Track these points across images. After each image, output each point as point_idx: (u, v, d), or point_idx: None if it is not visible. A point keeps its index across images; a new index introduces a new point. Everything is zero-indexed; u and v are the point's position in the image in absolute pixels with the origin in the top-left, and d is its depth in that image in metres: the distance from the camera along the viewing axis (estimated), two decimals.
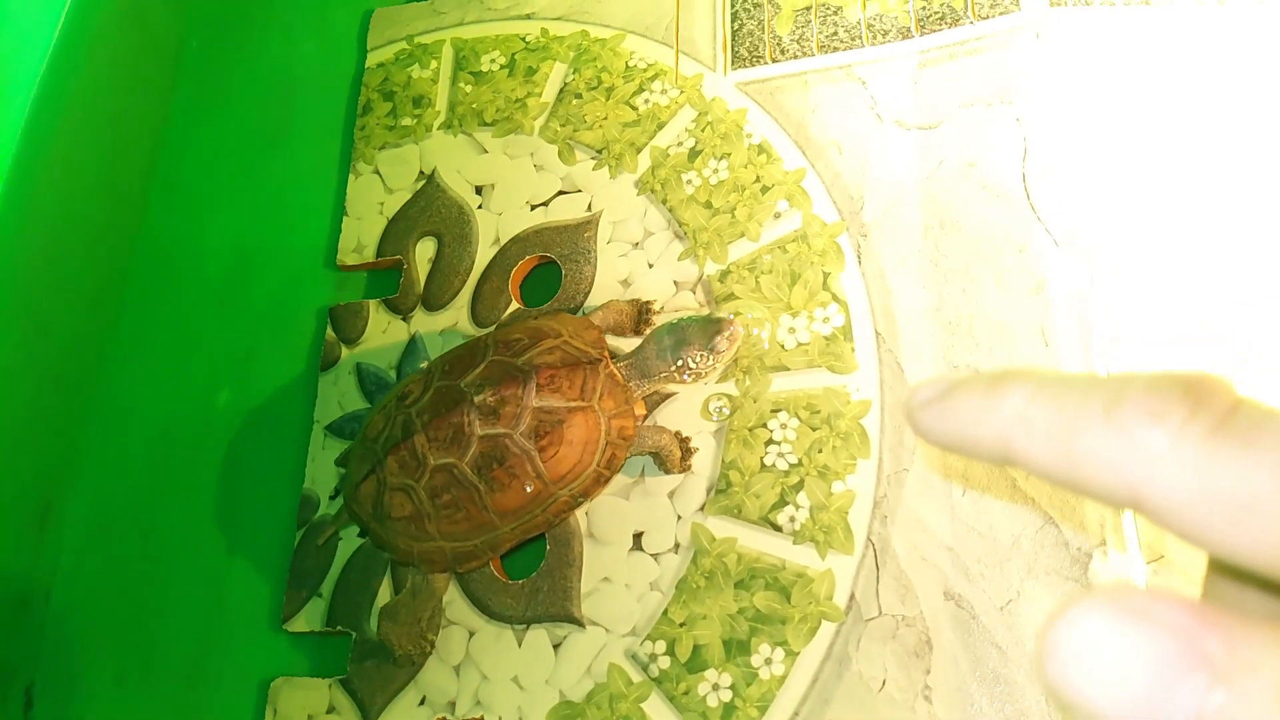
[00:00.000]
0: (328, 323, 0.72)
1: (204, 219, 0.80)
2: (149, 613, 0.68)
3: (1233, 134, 0.60)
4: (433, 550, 0.59)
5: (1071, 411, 0.17)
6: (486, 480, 0.57)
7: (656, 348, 0.59)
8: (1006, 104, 0.63)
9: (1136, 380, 0.16)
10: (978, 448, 0.19)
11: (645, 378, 0.60)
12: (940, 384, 0.19)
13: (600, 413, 0.58)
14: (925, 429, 0.20)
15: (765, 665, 0.56)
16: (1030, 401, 0.17)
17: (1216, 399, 0.15)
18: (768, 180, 0.66)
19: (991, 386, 0.18)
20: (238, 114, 0.84)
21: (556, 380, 0.58)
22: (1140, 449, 0.15)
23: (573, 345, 0.60)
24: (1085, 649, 0.14)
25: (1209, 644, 0.13)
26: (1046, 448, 0.17)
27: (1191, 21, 0.63)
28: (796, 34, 0.70)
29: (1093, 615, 0.14)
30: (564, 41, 0.76)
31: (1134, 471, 0.16)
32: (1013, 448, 0.18)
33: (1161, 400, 0.16)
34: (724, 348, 0.58)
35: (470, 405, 0.57)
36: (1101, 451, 0.16)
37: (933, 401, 0.19)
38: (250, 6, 0.88)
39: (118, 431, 0.74)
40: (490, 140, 0.74)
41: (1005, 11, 0.65)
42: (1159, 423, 0.15)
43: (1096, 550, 0.53)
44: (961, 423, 0.19)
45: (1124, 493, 0.16)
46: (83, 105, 0.77)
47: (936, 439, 0.19)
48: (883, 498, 0.57)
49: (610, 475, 0.59)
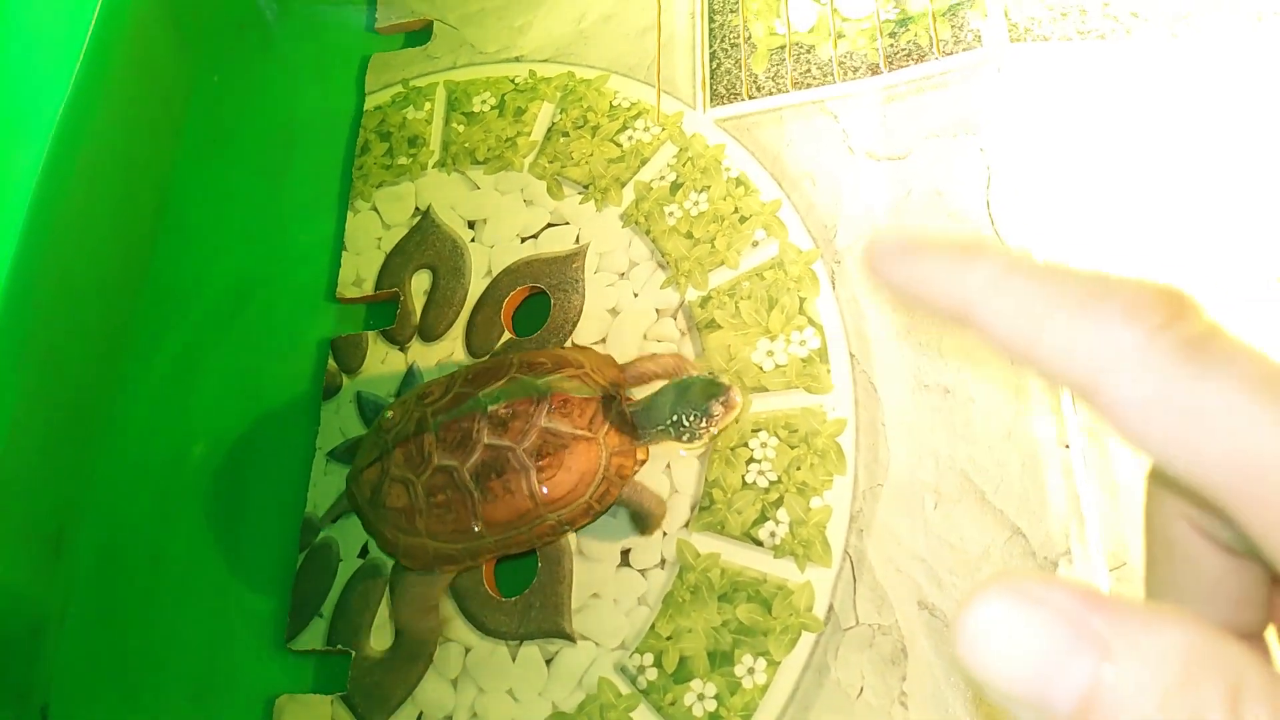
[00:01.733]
0: (329, 354, 0.75)
1: (210, 256, 0.83)
2: (158, 634, 0.71)
3: (1185, 161, 0.63)
4: (417, 546, 0.62)
5: (1048, 290, 0.17)
6: (482, 488, 0.59)
7: (661, 399, 0.60)
8: (971, 135, 0.66)
9: (1121, 279, 0.17)
10: (936, 302, 0.18)
11: (649, 426, 0.61)
12: (910, 237, 0.19)
13: (603, 447, 0.60)
14: (883, 272, 0.19)
15: (748, 675, 0.58)
16: (1007, 271, 0.17)
17: (1195, 316, 0.16)
18: (745, 211, 0.70)
19: (967, 249, 0.18)
20: (242, 156, 0.87)
21: (569, 406, 0.59)
22: (1110, 341, 0.16)
23: (592, 378, 0.61)
24: (987, 631, 0.15)
25: (1096, 624, 0.14)
26: (1013, 318, 0.17)
27: (1145, 55, 0.67)
28: (771, 71, 0.74)
29: (993, 601, 0.15)
30: (551, 83, 0.80)
31: (1098, 362, 0.16)
32: (975, 310, 0.18)
33: (1142, 302, 0.16)
34: (718, 413, 0.58)
35: (483, 414, 0.59)
36: (1070, 335, 0.16)
37: (899, 249, 0.19)
38: (253, 54, 0.92)
39: (128, 461, 0.77)
40: (482, 177, 0.78)
41: (968, 48, 0.69)
42: (1135, 321, 0.16)
43: (1062, 558, 0.55)
44: (926, 274, 0.18)
45: (1082, 379, 0.16)
46: (95, 149, 0.80)
47: (893, 284, 0.19)
48: (858, 512, 0.60)
49: (600, 511, 0.61)
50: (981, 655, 0.15)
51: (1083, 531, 0.56)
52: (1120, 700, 0.14)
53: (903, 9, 0.72)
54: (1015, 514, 0.57)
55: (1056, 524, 0.56)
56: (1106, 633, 0.14)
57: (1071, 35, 0.68)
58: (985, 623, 0.15)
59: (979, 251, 0.18)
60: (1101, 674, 0.14)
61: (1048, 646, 0.14)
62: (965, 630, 0.15)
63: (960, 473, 0.59)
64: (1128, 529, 0.55)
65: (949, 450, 0.59)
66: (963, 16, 0.70)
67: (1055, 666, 0.14)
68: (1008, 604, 0.15)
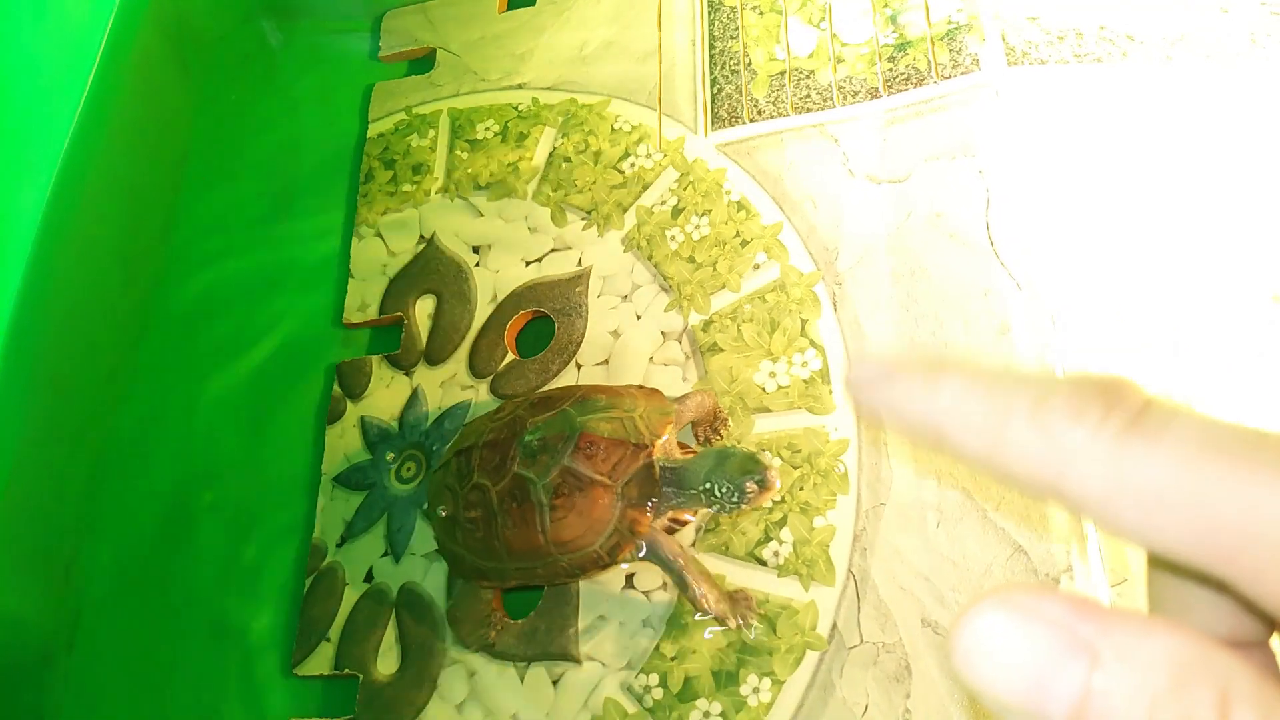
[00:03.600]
0: (334, 379, 0.75)
1: (215, 283, 0.84)
2: (167, 660, 0.71)
3: (1182, 182, 0.64)
4: (457, 554, 0.62)
5: (1000, 407, 0.17)
6: (504, 513, 0.59)
7: (698, 464, 0.57)
8: (969, 157, 0.67)
9: (1060, 382, 0.17)
10: (912, 431, 0.19)
11: (680, 488, 0.57)
12: (880, 365, 0.20)
13: (620, 497, 0.58)
14: (865, 405, 0.20)
15: (753, 694, 0.58)
16: (963, 394, 0.18)
17: (1128, 399, 0.16)
18: (747, 234, 0.70)
19: (929, 376, 0.19)
20: (247, 184, 0.88)
21: (594, 449, 0.58)
22: (1061, 444, 0.16)
23: (633, 424, 0.59)
24: (981, 643, 0.15)
25: (1086, 633, 0.15)
26: (976, 438, 0.18)
27: (1141, 78, 0.67)
28: (772, 96, 0.74)
29: (987, 614, 0.15)
30: (553, 109, 0.81)
31: (1055, 465, 0.16)
32: (944, 434, 0.18)
33: (1081, 400, 0.17)
34: (751, 492, 0.55)
35: (521, 441, 0.59)
36: (1026, 445, 0.17)
37: (873, 381, 0.20)
38: (258, 83, 0.93)
39: (136, 489, 0.78)
40: (486, 204, 0.78)
41: (966, 71, 0.70)
42: (1078, 421, 0.16)
43: (1063, 575, 0.56)
44: (899, 406, 0.19)
45: (1045, 483, 0.17)
46: (102, 179, 0.81)
47: (874, 417, 0.20)
48: (861, 531, 0.60)
49: (610, 564, 0.59)
50: (976, 667, 0.15)
51: (1084, 548, 0.56)
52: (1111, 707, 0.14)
53: (901, 33, 0.73)
54: (1016, 531, 0.57)
55: (1057, 541, 0.57)
56: (1097, 641, 0.14)
57: (1068, 58, 0.69)
58: (979, 635, 0.15)
59: (941, 373, 0.19)
60: (1093, 682, 0.14)
61: (1039, 656, 0.15)
62: (960, 643, 0.15)
63: (962, 491, 0.59)
64: (1128, 546, 0.56)
65: (950, 468, 0.60)
66: (961, 41, 0.71)
67: (1047, 675, 0.14)
68: (1000, 616, 0.15)
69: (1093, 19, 0.70)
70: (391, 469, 0.71)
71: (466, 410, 0.71)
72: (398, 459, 0.71)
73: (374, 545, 0.69)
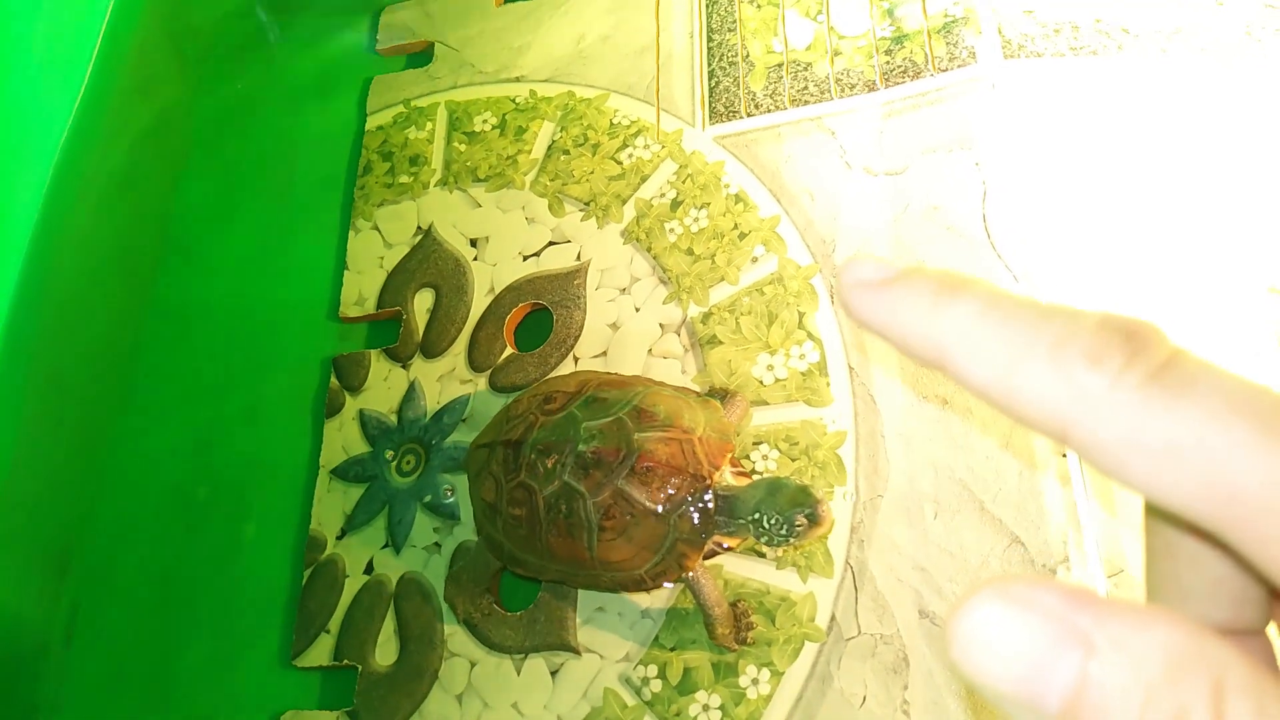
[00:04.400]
0: (331, 372, 0.76)
1: (213, 276, 0.84)
2: (164, 653, 0.71)
3: (1178, 174, 0.64)
4: (496, 540, 0.62)
5: (1016, 340, 0.17)
6: (550, 520, 0.58)
7: (749, 494, 0.55)
8: (966, 150, 0.67)
9: (1083, 320, 0.17)
10: (910, 347, 0.18)
11: (730, 516, 0.56)
12: (883, 268, 0.19)
13: (672, 529, 0.56)
14: (856, 311, 0.19)
15: (752, 685, 0.58)
16: (978, 318, 0.17)
17: (1155, 348, 0.16)
18: (745, 227, 0.70)
19: (939, 291, 0.18)
20: (245, 177, 0.88)
21: (650, 476, 0.56)
22: (1078, 388, 0.16)
23: (693, 449, 0.57)
24: (978, 634, 0.15)
25: (1082, 623, 0.15)
26: (986, 369, 0.17)
27: (1137, 70, 0.68)
28: (769, 89, 0.75)
29: (983, 605, 0.15)
30: (551, 102, 0.81)
31: (1069, 409, 0.16)
32: (950, 360, 0.18)
33: (1104, 343, 0.16)
34: (801, 526, 0.53)
35: (574, 449, 0.58)
36: (1040, 383, 0.17)
37: (872, 285, 0.19)
38: (256, 76, 0.93)
39: (133, 482, 0.78)
40: (484, 196, 0.78)
41: (963, 64, 0.70)
42: (1099, 366, 0.16)
43: (1060, 566, 0.56)
44: (899, 317, 0.18)
45: (1055, 426, 0.17)
46: (99, 174, 0.81)
47: (866, 323, 0.19)
48: (859, 523, 0.60)
49: (652, 587, 0.59)
50: (973, 657, 0.15)
51: (1080, 539, 0.56)
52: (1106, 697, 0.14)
53: (898, 26, 0.73)
54: (1013, 522, 0.58)
55: (1054, 532, 0.57)
56: (1092, 631, 0.15)
57: (1064, 51, 0.69)
58: (975, 625, 0.15)
59: (953, 292, 0.18)
60: (1088, 671, 0.14)
61: (1035, 646, 0.15)
62: (957, 633, 0.15)
63: (959, 482, 0.59)
64: (1125, 536, 0.56)
65: (948, 460, 0.60)
66: (957, 34, 0.71)
67: (1043, 666, 0.15)
68: (996, 606, 0.15)
69: (1088, 12, 0.71)
70: (391, 463, 0.71)
71: (465, 404, 0.71)
72: (397, 455, 0.71)
73: (374, 537, 0.69)
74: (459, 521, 0.68)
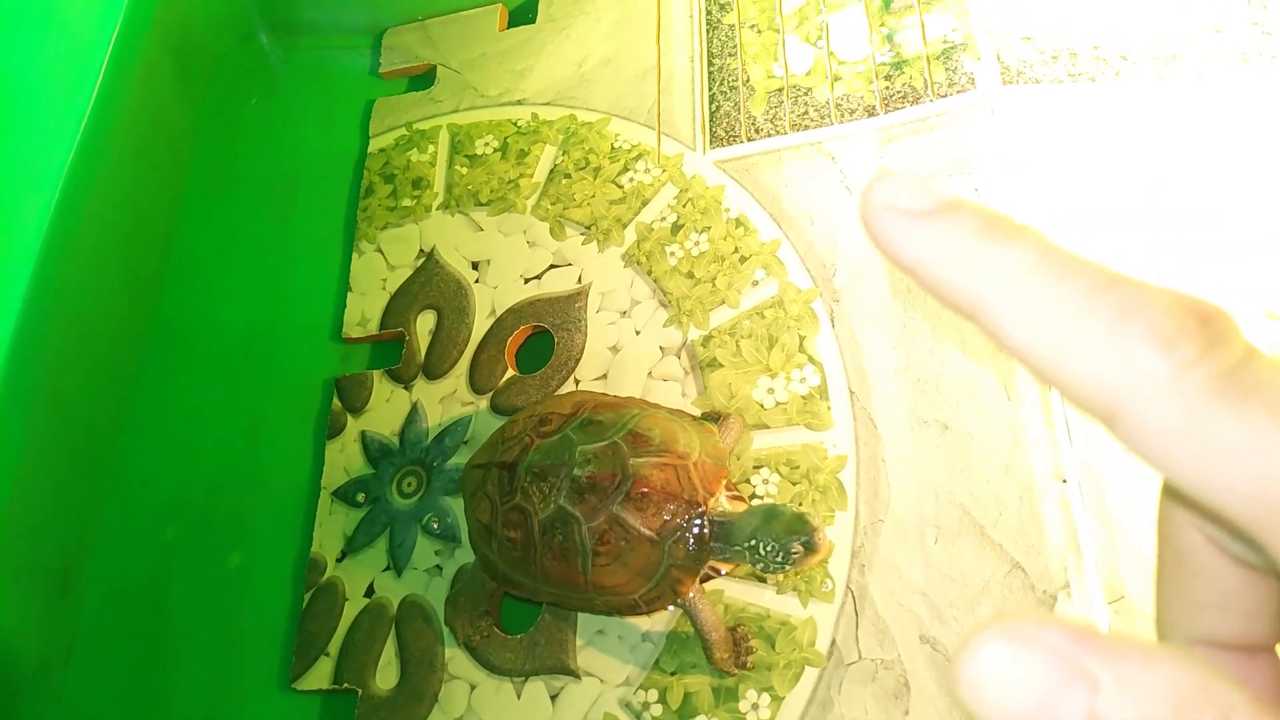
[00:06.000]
0: (334, 393, 0.76)
1: (216, 297, 0.85)
2: (164, 673, 0.71)
3: (1175, 200, 0.64)
4: (491, 560, 0.62)
5: (1075, 302, 0.16)
6: (544, 543, 0.58)
7: (745, 520, 0.55)
8: (965, 175, 0.67)
9: (1154, 295, 0.16)
10: (942, 290, 0.17)
11: (725, 542, 0.56)
12: (922, 194, 0.17)
13: (667, 555, 0.56)
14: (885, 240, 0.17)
15: (753, 710, 0.58)
16: (1032, 271, 0.16)
17: (1232, 341, 0.15)
18: (745, 251, 0.71)
19: (990, 232, 0.16)
20: (248, 199, 0.89)
21: (645, 501, 0.56)
22: (1139, 369, 0.15)
23: (688, 475, 0.57)
24: (985, 673, 0.15)
25: (1089, 663, 0.14)
26: (1031, 328, 0.16)
27: (1135, 97, 0.68)
28: (770, 114, 0.75)
29: (989, 644, 0.15)
30: (553, 125, 0.81)
31: (1123, 389, 0.15)
32: (990, 311, 0.16)
33: (1175, 326, 0.15)
34: (796, 553, 0.52)
35: (569, 473, 0.57)
36: (1094, 357, 0.15)
37: (908, 212, 0.17)
38: (259, 98, 0.94)
39: (135, 501, 0.78)
40: (486, 219, 0.79)
41: (962, 90, 0.70)
42: (1167, 350, 0.15)
43: (1060, 592, 0.56)
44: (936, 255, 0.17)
45: (1102, 403, 0.16)
46: (104, 194, 0.82)
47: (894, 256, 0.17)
48: (860, 547, 0.61)
49: (646, 612, 0.59)
50: (980, 697, 0.15)
51: (1081, 565, 0.56)
52: None
53: (897, 52, 0.74)
54: (1014, 548, 0.58)
55: (1055, 557, 0.57)
56: (1099, 671, 0.14)
57: (1062, 78, 0.70)
58: (982, 665, 0.15)
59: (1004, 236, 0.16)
60: (1094, 712, 0.14)
61: (1042, 687, 0.14)
62: (964, 674, 0.15)
63: (960, 507, 0.59)
64: (1125, 562, 0.56)
65: (948, 485, 0.60)
66: (956, 60, 0.72)
67: (1049, 706, 0.14)
68: (1002, 645, 0.15)
69: (1086, 39, 0.71)
70: (392, 484, 0.71)
71: (467, 426, 0.71)
72: (397, 474, 0.71)
73: (375, 560, 0.69)
74: (460, 544, 0.68)
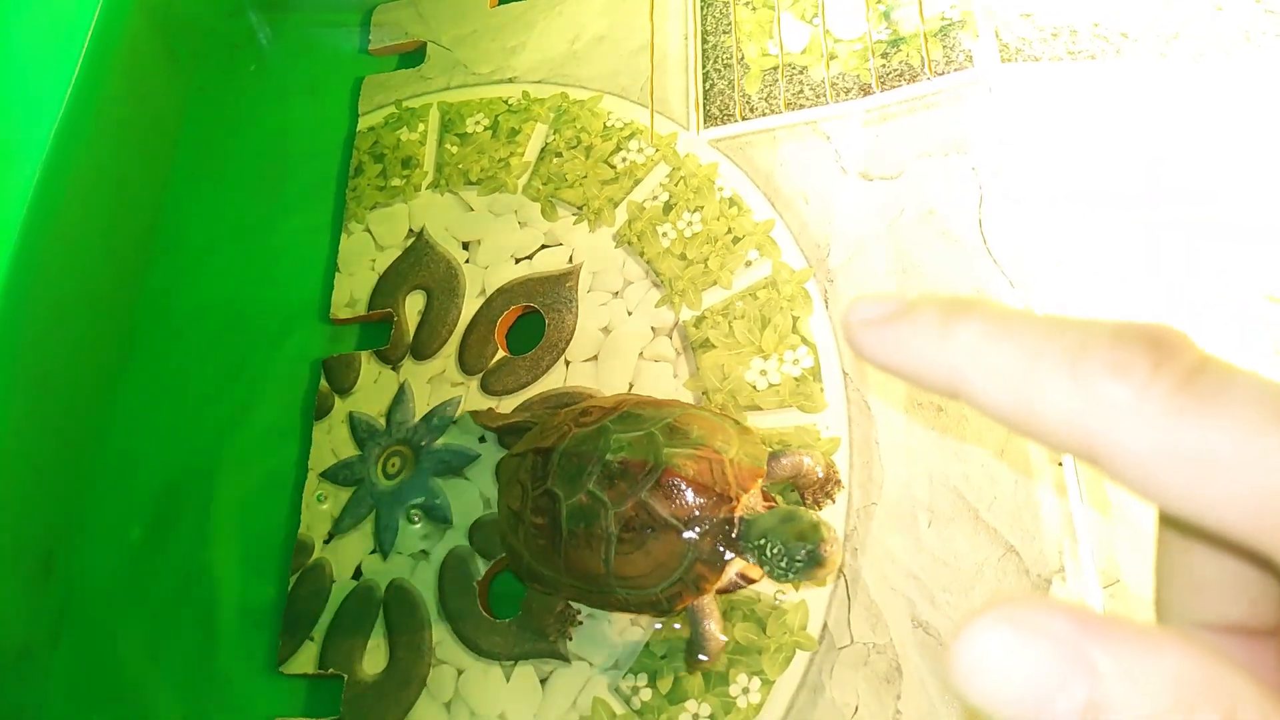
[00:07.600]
0: (321, 374, 0.75)
1: (203, 277, 0.83)
2: (149, 657, 0.70)
3: (1175, 179, 0.63)
4: (517, 550, 0.61)
5: (1031, 356, 0.16)
6: (570, 531, 0.57)
7: (764, 520, 0.54)
8: (962, 154, 0.66)
9: (1099, 329, 0.16)
10: (923, 378, 0.18)
11: (748, 541, 0.54)
12: (887, 304, 0.18)
13: (691, 547, 0.54)
14: (867, 351, 0.18)
15: (743, 694, 0.58)
16: (987, 339, 0.17)
17: (1181, 355, 0.15)
18: (739, 231, 0.70)
19: (946, 316, 0.17)
20: (235, 178, 0.87)
21: (674, 490, 0.54)
22: (1102, 402, 0.15)
23: (722, 469, 0.55)
24: (983, 660, 0.14)
25: (1090, 650, 0.14)
26: (1001, 390, 0.16)
27: (1135, 75, 0.67)
28: (764, 92, 0.74)
29: (988, 630, 0.15)
30: (544, 104, 0.80)
31: (1094, 424, 0.15)
32: (964, 384, 0.17)
33: (1125, 353, 0.15)
34: (800, 561, 0.51)
35: (601, 459, 0.56)
36: (1060, 400, 0.16)
37: (878, 322, 0.18)
38: (247, 75, 0.92)
39: (119, 483, 0.77)
40: (476, 198, 0.78)
41: (959, 68, 0.69)
42: (1123, 377, 0.15)
43: (1055, 576, 0.55)
44: (909, 351, 0.18)
45: (1080, 443, 0.16)
46: (89, 172, 0.81)
47: (878, 362, 0.18)
48: (852, 531, 0.60)
49: (667, 610, 0.57)
50: (978, 684, 0.15)
51: (1075, 549, 0.56)
52: None
53: (894, 30, 0.73)
54: (1008, 532, 0.57)
55: (1049, 542, 0.56)
56: (1101, 659, 0.14)
57: (1062, 55, 0.69)
58: (980, 652, 0.15)
59: (960, 313, 0.17)
60: (1096, 700, 0.14)
61: (1042, 674, 0.14)
62: (961, 660, 0.15)
63: (953, 490, 0.59)
64: (1121, 546, 0.55)
65: (942, 468, 0.59)
66: (954, 37, 0.71)
67: (1050, 694, 0.14)
68: (1002, 632, 0.14)
69: (1086, 16, 0.70)
70: (377, 465, 0.70)
71: (455, 407, 0.70)
72: (382, 455, 0.71)
73: (362, 542, 0.68)
74: (450, 525, 0.67)
